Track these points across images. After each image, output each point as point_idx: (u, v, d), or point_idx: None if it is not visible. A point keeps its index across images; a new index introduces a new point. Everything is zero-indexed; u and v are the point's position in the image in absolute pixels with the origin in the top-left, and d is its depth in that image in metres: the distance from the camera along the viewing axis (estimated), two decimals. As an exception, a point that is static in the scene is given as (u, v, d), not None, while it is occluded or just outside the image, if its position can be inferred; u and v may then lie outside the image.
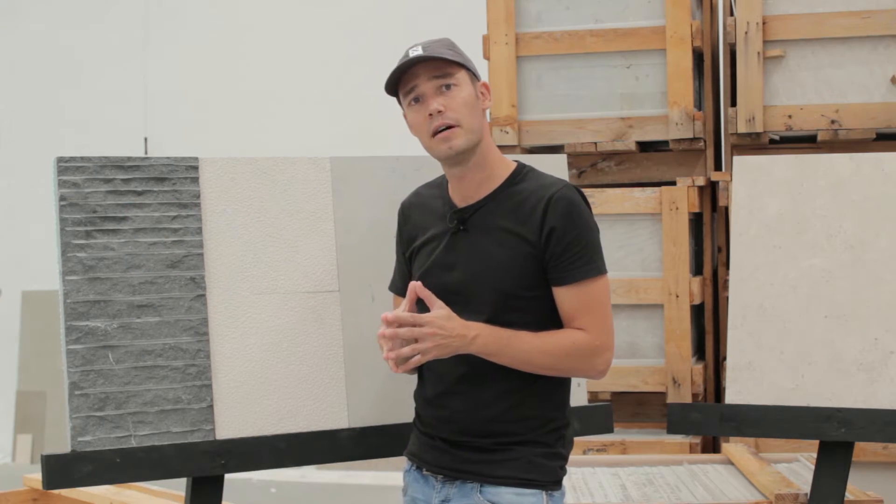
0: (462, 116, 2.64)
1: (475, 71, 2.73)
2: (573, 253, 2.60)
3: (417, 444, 2.81)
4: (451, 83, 2.65)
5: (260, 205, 3.13)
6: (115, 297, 2.96)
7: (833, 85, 4.89)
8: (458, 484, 2.68)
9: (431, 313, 2.53)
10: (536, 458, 2.66)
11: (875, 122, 4.84)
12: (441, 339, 2.51)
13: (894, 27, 4.83)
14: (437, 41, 2.68)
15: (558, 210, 2.60)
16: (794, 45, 4.90)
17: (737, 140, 4.97)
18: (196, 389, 3.01)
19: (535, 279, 2.63)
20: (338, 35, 9.77)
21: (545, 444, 2.68)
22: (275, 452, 3.07)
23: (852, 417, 3.29)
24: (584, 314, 2.62)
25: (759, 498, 3.65)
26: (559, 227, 2.59)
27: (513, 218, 2.65)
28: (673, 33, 4.97)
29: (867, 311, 3.31)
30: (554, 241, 2.60)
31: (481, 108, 2.70)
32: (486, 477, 2.65)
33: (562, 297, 2.63)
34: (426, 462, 2.75)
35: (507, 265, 2.62)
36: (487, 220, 2.67)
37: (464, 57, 2.70)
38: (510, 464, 2.64)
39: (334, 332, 3.17)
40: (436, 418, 2.73)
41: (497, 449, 2.65)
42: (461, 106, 2.64)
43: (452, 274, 2.68)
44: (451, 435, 2.70)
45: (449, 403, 2.70)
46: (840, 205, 3.37)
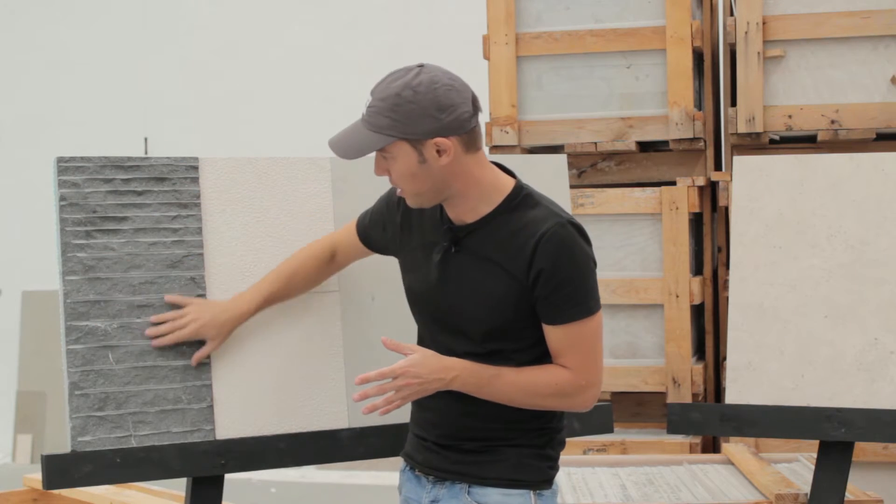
0: (402, 185, 2.59)
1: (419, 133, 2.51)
2: (562, 294, 2.53)
3: (411, 445, 2.81)
4: (385, 155, 2.57)
5: (260, 205, 3.13)
6: (116, 297, 2.95)
7: (833, 85, 4.89)
8: (447, 485, 2.68)
9: (403, 361, 2.53)
10: (524, 459, 2.64)
11: (875, 122, 4.84)
12: (417, 386, 2.53)
13: (894, 27, 4.83)
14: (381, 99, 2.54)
15: (548, 251, 2.52)
16: (794, 45, 4.90)
17: (737, 140, 4.97)
18: (196, 389, 3.01)
19: (523, 313, 2.58)
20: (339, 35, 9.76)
21: (534, 445, 2.66)
22: (275, 452, 3.07)
23: (852, 417, 3.29)
24: (570, 354, 2.57)
25: (759, 498, 3.65)
26: (547, 269, 2.52)
27: (502, 251, 2.57)
28: (673, 33, 4.97)
29: (867, 311, 3.31)
30: (542, 282, 2.52)
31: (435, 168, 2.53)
32: (474, 478, 2.64)
33: (550, 334, 2.58)
34: (418, 462, 2.76)
35: (496, 297, 2.57)
36: (479, 247, 2.61)
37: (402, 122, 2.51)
38: (498, 465, 2.63)
39: (334, 333, 3.17)
40: (424, 420, 2.74)
41: (484, 451, 2.65)
42: (398, 178, 2.58)
43: (445, 297, 2.64)
44: (438, 438, 2.70)
45: (435, 406, 2.69)
46: (840, 205, 3.37)
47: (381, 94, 2.54)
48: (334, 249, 3.03)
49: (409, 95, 2.50)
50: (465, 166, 2.57)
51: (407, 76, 2.53)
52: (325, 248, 3.04)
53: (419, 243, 2.74)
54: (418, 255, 2.73)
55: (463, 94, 2.55)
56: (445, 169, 2.55)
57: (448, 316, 2.65)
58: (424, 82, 2.52)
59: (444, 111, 2.51)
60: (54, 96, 10.44)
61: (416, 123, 2.51)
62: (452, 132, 2.53)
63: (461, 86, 2.56)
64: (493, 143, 5.15)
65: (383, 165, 2.59)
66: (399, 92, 2.52)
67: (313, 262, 3.03)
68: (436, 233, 2.69)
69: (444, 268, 2.65)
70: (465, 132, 2.55)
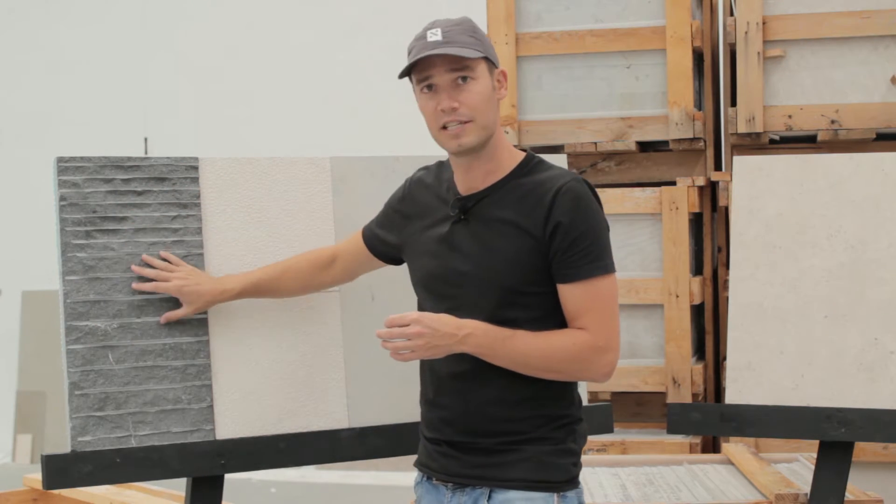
0: (477, 112, 2.54)
1: (494, 58, 2.61)
2: (579, 249, 2.49)
3: (425, 453, 2.73)
4: (468, 76, 2.53)
5: (260, 205, 3.13)
6: (115, 297, 2.96)
7: (833, 85, 4.89)
8: (468, 491, 2.61)
9: (416, 312, 2.50)
10: (547, 457, 2.57)
11: (875, 122, 4.84)
12: (429, 337, 2.45)
13: (894, 27, 4.83)
14: (457, 25, 2.56)
15: (565, 204, 2.49)
16: (794, 45, 4.90)
17: (737, 140, 4.97)
18: (196, 389, 3.01)
19: (538, 274, 2.53)
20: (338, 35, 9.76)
21: (555, 440, 2.59)
22: (274, 452, 3.07)
23: (852, 417, 3.28)
24: (587, 313, 2.51)
25: (759, 498, 3.65)
26: (565, 221, 2.48)
27: (517, 210, 2.54)
28: (673, 33, 4.97)
29: (867, 310, 3.31)
30: (559, 236, 2.49)
31: (497, 100, 2.60)
32: (495, 481, 2.57)
33: (566, 294, 2.52)
34: (434, 471, 2.68)
35: (508, 259, 2.53)
36: (490, 211, 2.58)
37: (485, 44, 2.58)
38: (519, 465, 2.56)
39: (334, 332, 3.17)
40: (439, 420, 2.66)
41: (504, 450, 2.57)
42: (477, 101, 2.54)
43: (453, 266, 2.60)
44: (455, 436, 2.63)
45: (449, 403, 2.63)
46: (840, 205, 3.37)
47: (452, 22, 2.57)
48: (335, 256, 3.02)
49: (475, 25, 2.60)
50: (498, 117, 2.62)
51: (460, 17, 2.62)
52: (325, 253, 3.04)
53: (422, 227, 2.71)
54: (424, 239, 2.70)
55: None
56: (498, 107, 2.61)
57: (459, 288, 2.59)
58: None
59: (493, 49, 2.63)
60: (54, 96, 10.45)
61: (490, 49, 2.60)
62: None
63: None
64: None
65: (455, 95, 2.54)
66: (466, 19, 2.60)
67: (307, 263, 3.02)
68: (442, 209, 2.67)
69: (452, 238, 2.62)
70: None
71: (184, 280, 2.97)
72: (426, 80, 2.57)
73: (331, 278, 3.04)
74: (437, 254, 2.64)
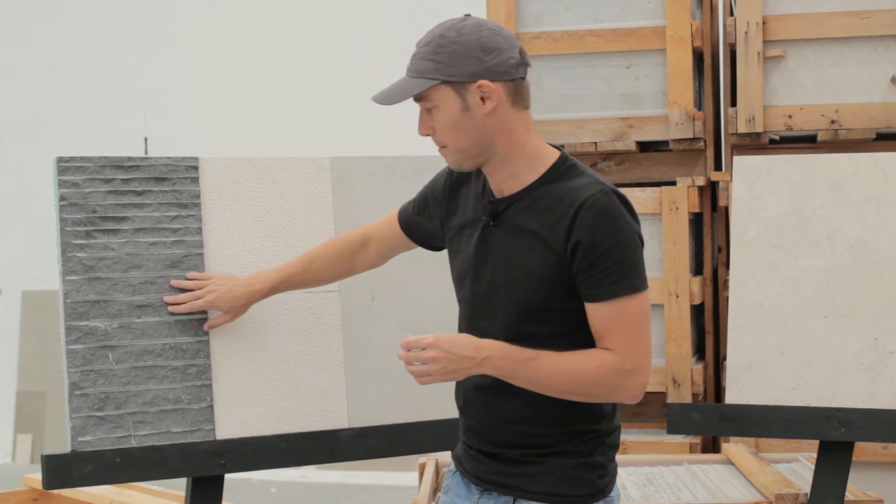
0: (445, 138, 2.46)
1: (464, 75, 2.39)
2: (602, 269, 2.36)
3: (461, 450, 2.71)
4: (428, 106, 2.44)
5: (260, 205, 3.13)
6: (115, 297, 2.96)
7: (833, 85, 4.88)
8: (494, 496, 2.59)
9: (436, 335, 2.39)
10: (571, 471, 2.50)
11: (875, 122, 4.84)
12: (445, 362, 2.37)
13: (894, 27, 4.83)
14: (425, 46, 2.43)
15: (587, 220, 2.36)
16: (794, 45, 4.90)
17: (737, 140, 4.97)
18: (196, 389, 3.01)
19: (560, 291, 2.42)
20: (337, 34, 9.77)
21: (580, 453, 2.52)
22: (275, 452, 3.06)
23: (852, 417, 3.28)
24: (613, 334, 2.39)
25: (759, 498, 3.65)
26: (585, 240, 2.36)
27: (542, 221, 2.42)
28: (673, 33, 4.97)
29: (867, 311, 3.31)
30: (580, 254, 2.37)
31: (479, 117, 2.42)
32: (520, 490, 2.54)
33: (591, 313, 2.41)
34: (466, 471, 2.67)
35: (531, 273, 2.43)
36: (518, 218, 2.46)
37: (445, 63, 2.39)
38: (543, 478, 2.51)
39: (334, 332, 3.17)
40: (467, 428, 2.65)
41: (528, 461, 2.53)
42: (441, 129, 2.45)
43: (482, 274, 2.53)
44: (482, 445, 2.60)
45: (475, 413, 2.60)
46: (840, 205, 3.37)
47: (425, 40, 2.44)
48: (367, 239, 2.93)
49: (453, 36, 2.40)
50: (510, 121, 2.46)
51: (451, 21, 2.43)
52: (355, 236, 2.96)
53: (461, 223, 2.63)
54: (461, 236, 2.62)
55: (510, 41, 2.44)
56: (489, 120, 2.42)
57: (484, 297, 2.52)
58: (469, 24, 2.41)
59: (489, 53, 2.39)
60: (54, 96, 10.45)
61: (460, 64, 2.39)
62: (497, 77, 2.41)
63: (508, 34, 2.45)
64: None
65: (427, 122, 2.47)
66: (443, 33, 2.41)
67: (336, 249, 2.97)
68: (477, 210, 2.57)
69: (482, 245, 2.53)
70: (512, 80, 2.44)
71: (214, 292, 2.96)
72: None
73: (364, 262, 2.96)
74: (468, 257, 2.57)
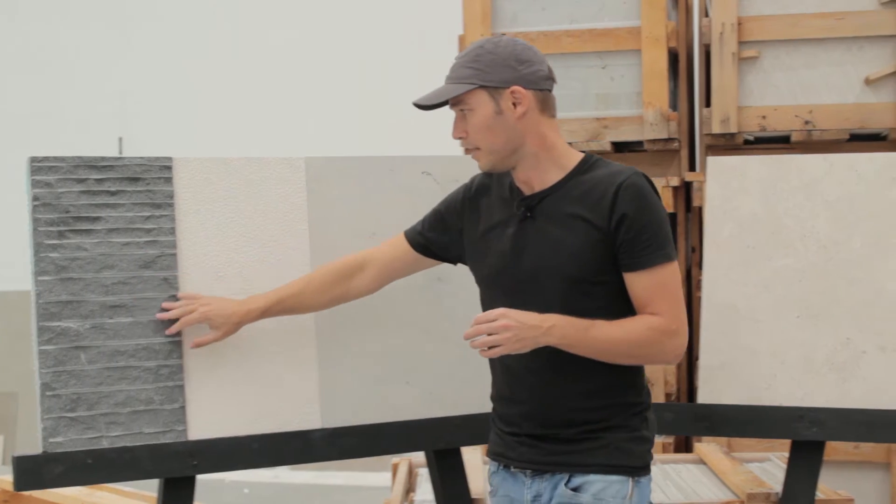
0: (479, 140, 2.66)
1: (497, 82, 2.63)
2: (644, 239, 2.58)
3: (502, 444, 2.78)
4: (464, 108, 2.65)
5: (234, 205, 3.12)
6: (88, 298, 2.95)
7: (807, 86, 4.91)
8: (547, 477, 2.68)
9: (503, 308, 2.53)
10: (624, 444, 2.66)
11: (848, 123, 4.86)
12: (516, 330, 2.49)
13: (868, 28, 4.86)
14: (464, 56, 2.66)
15: (628, 196, 2.58)
16: (768, 46, 4.92)
17: (711, 140, 4.99)
18: (168, 390, 3.00)
19: (604, 265, 2.60)
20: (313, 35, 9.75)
21: (630, 427, 2.68)
22: (247, 453, 3.06)
23: (824, 417, 3.30)
24: (657, 299, 2.60)
25: (731, 497, 3.66)
26: (630, 213, 2.57)
27: (581, 204, 2.62)
28: (648, 34, 4.98)
29: (839, 311, 3.32)
30: (625, 227, 2.57)
31: (510, 120, 2.63)
32: (574, 466, 2.65)
33: (634, 282, 2.61)
34: (513, 459, 2.74)
35: (576, 251, 2.60)
36: (555, 207, 2.65)
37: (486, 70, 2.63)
38: (597, 452, 2.65)
39: (308, 333, 3.16)
40: (518, 415, 2.72)
41: (583, 439, 2.65)
42: (475, 132, 2.65)
43: (522, 261, 2.67)
44: (535, 429, 2.69)
45: (528, 399, 2.69)
46: (813, 205, 3.38)
47: (465, 52, 2.67)
48: (365, 262, 2.99)
49: (491, 47, 2.64)
50: (539, 126, 2.67)
51: (489, 37, 2.69)
52: (352, 260, 3.00)
53: (487, 227, 2.77)
54: (488, 239, 2.76)
55: (539, 57, 2.69)
56: (520, 123, 2.64)
57: (528, 283, 2.65)
58: (505, 40, 2.67)
59: (522, 63, 2.64)
60: (28, 95, 10.40)
61: (495, 71, 2.63)
62: (529, 85, 2.64)
63: (538, 51, 2.70)
64: (468, 143, 5.15)
65: (461, 126, 2.67)
66: (482, 45, 2.66)
67: (331, 272, 2.99)
68: (506, 210, 2.74)
69: (521, 235, 2.68)
70: (541, 90, 2.67)
71: (207, 305, 2.97)
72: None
73: (360, 286, 3.01)
74: (506, 252, 2.70)
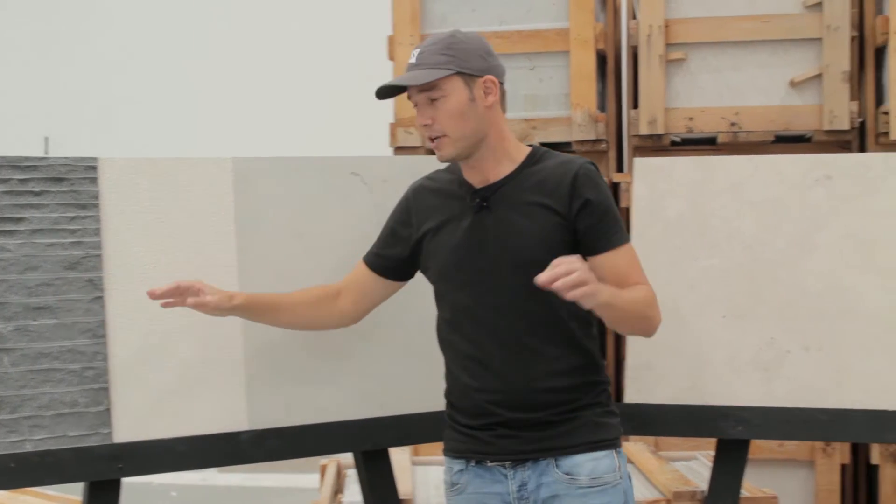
0: (448, 127, 2.68)
1: (473, 69, 2.69)
2: (609, 220, 2.68)
3: (471, 440, 2.76)
4: (436, 96, 2.67)
5: (160, 206, 3.10)
6: (11, 300, 2.91)
7: (733, 88, 4.96)
8: (529, 465, 2.70)
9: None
10: (600, 419, 2.73)
11: (774, 125, 4.92)
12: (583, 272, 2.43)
13: (793, 31, 4.92)
14: (434, 44, 2.69)
15: (588, 183, 2.67)
16: (695, 49, 4.96)
17: (639, 142, 5.02)
18: (93, 393, 2.97)
19: (566, 249, 2.63)
20: (238, 35, 9.70)
21: (600, 404, 2.75)
22: (173, 456, 3.04)
23: (749, 416, 3.33)
24: (633, 273, 2.71)
25: (657, 496, 3.69)
26: (593, 198, 2.66)
27: (539, 192, 2.69)
28: (576, 35, 5.01)
29: (764, 310, 3.36)
30: (589, 211, 2.65)
31: (480, 109, 2.70)
32: (559, 450, 2.68)
33: (607, 263, 2.68)
34: (488, 454, 2.73)
35: (542, 236, 2.66)
36: (512, 196, 2.71)
37: (460, 58, 2.68)
38: (579, 430, 2.69)
39: (234, 334, 3.14)
40: (491, 403, 2.71)
41: (561, 420, 2.69)
42: (447, 118, 2.67)
43: (483, 251, 2.70)
44: (511, 414, 2.69)
45: (502, 386, 2.70)
46: (739, 206, 3.41)
47: (431, 41, 2.71)
48: (338, 290, 2.97)
49: (461, 37, 2.71)
50: (499, 117, 2.76)
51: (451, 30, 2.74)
52: (330, 286, 2.99)
53: (438, 225, 2.79)
54: (441, 236, 2.77)
55: None
56: (488, 113, 2.72)
57: (490, 273, 2.69)
58: (469, 32, 2.75)
59: (490, 55, 2.74)
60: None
61: (470, 60, 2.70)
62: (497, 75, 2.74)
63: None
64: (397, 143, 5.15)
65: (428, 113, 2.69)
66: (451, 34, 2.72)
67: (307, 294, 2.96)
68: (456, 205, 2.78)
69: (478, 227, 2.72)
70: (502, 83, 2.77)
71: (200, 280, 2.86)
72: (410, 98, 2.73)
73: (338, 311, 2.97)
74: (462, 245, 2.73)
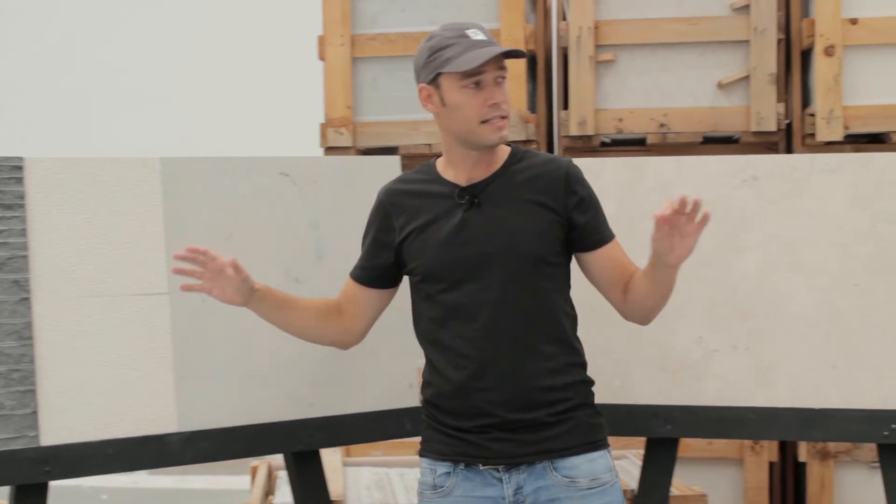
0: (510, 109, 2.75)
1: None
2: (599, 217, 2.78)
3: (461, 443, 2.72)
4: (505, 76, 2.72)
5: (88, 206, 3.07)
6: (-65, 301, 2.87)
7: (662, 89, 5.00)
8: (524, 468, 2.68)
9: None
10: (591, 419, 2.75)
11: (702, 126, 4.97)
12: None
13: (721, 33, 4.97)
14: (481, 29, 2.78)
15: (577, 181, 2.75)
16: (624, 50, 5.00)
17: (569, 142, 5.05)
18: (20, 395, 2.94)
19: (559, 245, 2.73)
20: (170, 33, 9.65)
21: (589, 404, 2.77)
22: (102, 458, 3.01)
23: (678, 414, 3.36)
24: (628, 263, 2.80)
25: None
26: (585, 196, 2.74)
27: (531, 189, 2.72)
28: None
29: (692, 310, 3.38)
30: (583, 208, 2.73)
31: None
32: (554, 452, 2.68)
33: (606, 255, 2.78)
34: (481, 458, 2.70)
35: (534, 231, 2.69)
36: (501, 193, 2.73)
37: None
38: (573, 432, 2.70)
39: (163, 335, 3.12)
40: (486, 403, 2.68)
41: (555, 422, 2.68)
42: (509, 99, 2.75)
43: (470, 247, 2.69)
44: (507, 415, 2.67)
45: (497, 385, 2.67)
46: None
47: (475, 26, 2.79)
48: (338, 305, 2.93)
49: None
50: None
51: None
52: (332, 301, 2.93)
53: (424, 222, 2.76)
54: (428, 232, 2.75)
55: None
56: None
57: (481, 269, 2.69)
58: None
59: None
60: None
61: None
62: None
63: None
64: (328, 144, 5.13)
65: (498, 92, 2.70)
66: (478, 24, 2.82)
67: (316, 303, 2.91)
68: (442, 204, 2.76)
69: (470, 222, 2.71)
70: None
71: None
72: (474, 77, 2.69)
73: (342, 327, 2.91)
74: (452, 243, 2.72)
